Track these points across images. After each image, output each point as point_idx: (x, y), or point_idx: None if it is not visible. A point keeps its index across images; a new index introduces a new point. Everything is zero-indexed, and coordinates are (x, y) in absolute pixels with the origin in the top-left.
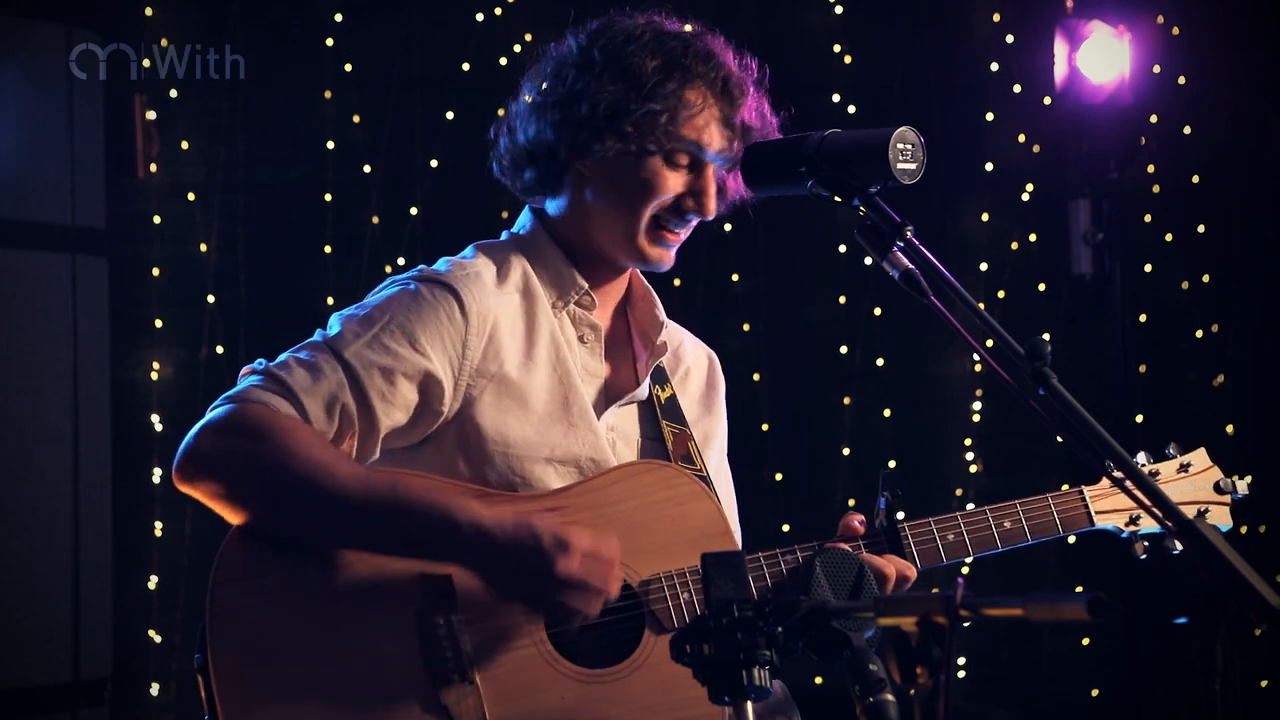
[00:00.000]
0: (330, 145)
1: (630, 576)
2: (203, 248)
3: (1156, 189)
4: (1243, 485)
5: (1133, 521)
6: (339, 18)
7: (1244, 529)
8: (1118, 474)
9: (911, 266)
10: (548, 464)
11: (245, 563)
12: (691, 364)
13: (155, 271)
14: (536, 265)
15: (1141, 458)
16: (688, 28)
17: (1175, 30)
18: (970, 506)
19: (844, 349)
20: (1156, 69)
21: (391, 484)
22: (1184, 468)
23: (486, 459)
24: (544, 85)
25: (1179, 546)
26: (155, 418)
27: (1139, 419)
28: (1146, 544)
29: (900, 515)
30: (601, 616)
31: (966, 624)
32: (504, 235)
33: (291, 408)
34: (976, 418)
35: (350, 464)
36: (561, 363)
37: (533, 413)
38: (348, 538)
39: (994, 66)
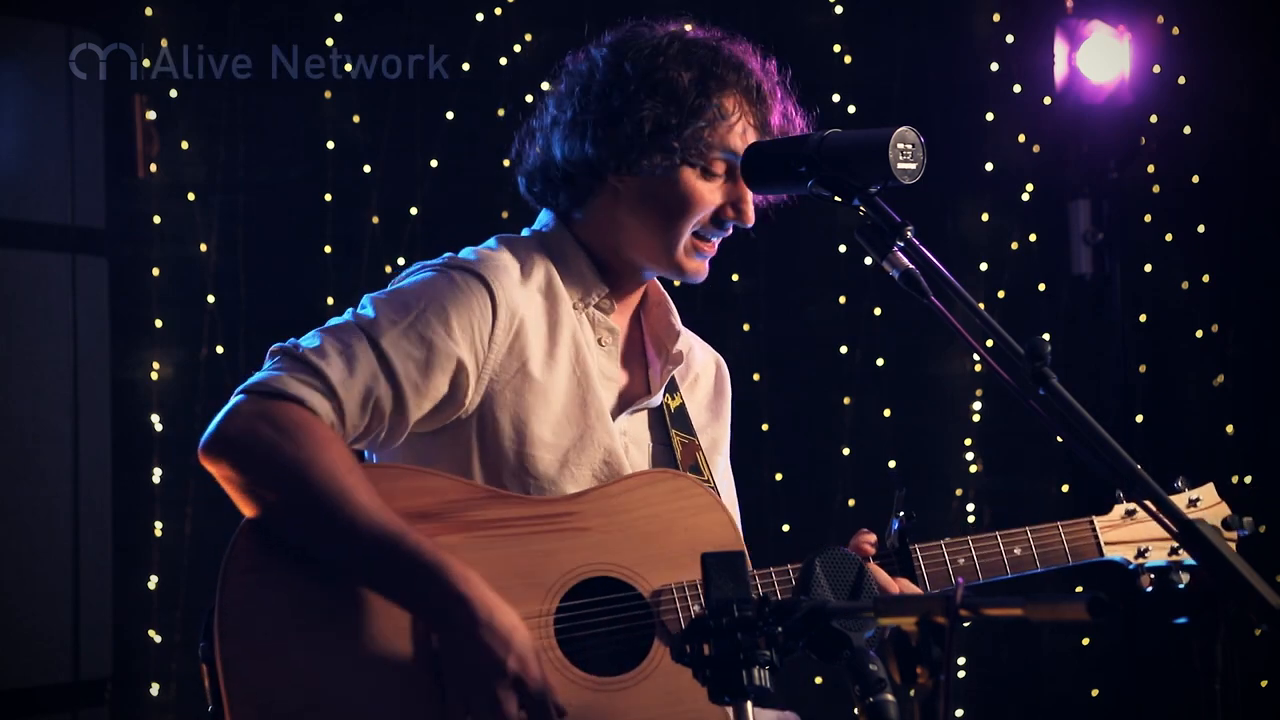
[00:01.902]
0: (330, 145)
1: (641, 586)
2: (203, 248)
3: (1156, 189)
4: (1249, 523)
5: (1141, 554)
6: (339, 18)
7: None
8: (1150, 504)
9: (911, 266)
10: (563, 464)
11: (257, 553)
12: (700, 370)
13: (155, 271)
14: (559, 265)
15: None
16: (711, 34)
17: (1175, 30)
18: (970, 507)
19: (844, 349)
20: (1156, 69)
21: (401, 533)
22: (1192, 503)
23: (502, 454)
24: (576, 103)
25: (1184, 579)
26: (155, 418)
27: (1139, 419)
28: (1153, 576)
29: (905, 518)
30: (612, 625)
31: (966, 624)
32: (525, 231)
33: (329, 405)
34: (976, 418)
35: (368, 496)
36: (581, 363)
37: (551, 411)
38: (342, 565)
39: (994, 66)
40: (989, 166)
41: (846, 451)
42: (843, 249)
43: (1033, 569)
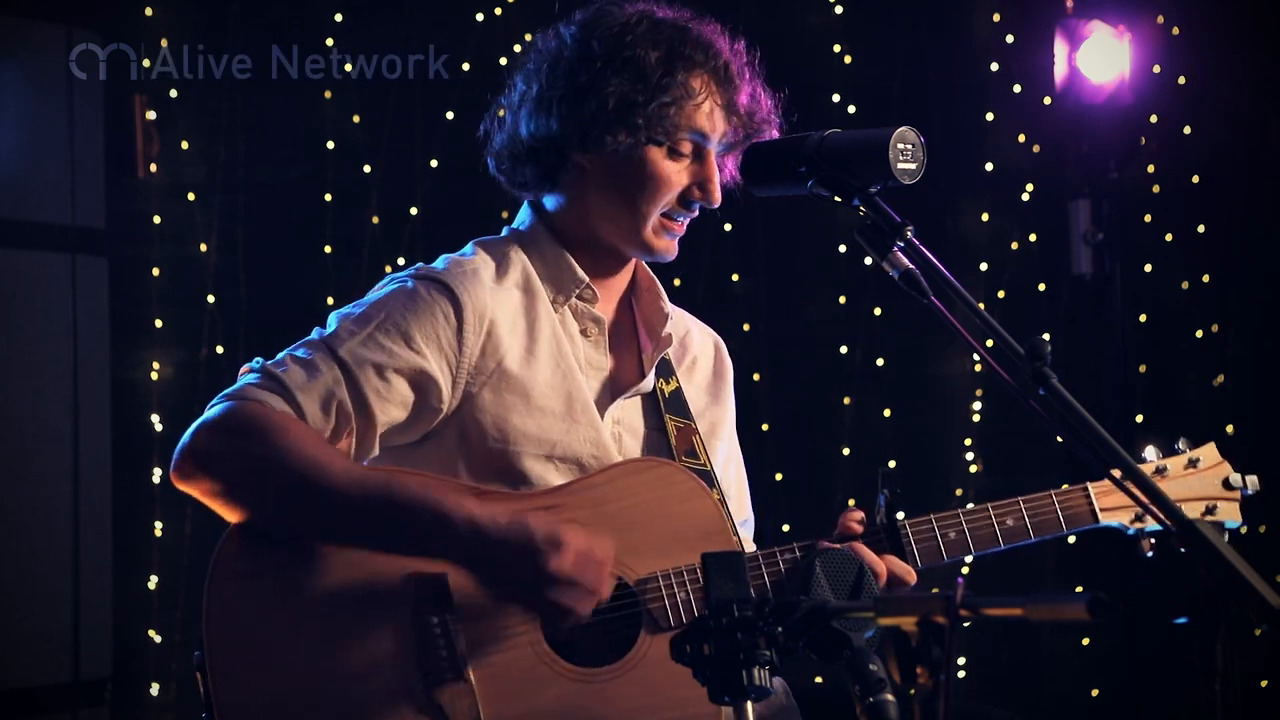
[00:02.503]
0: (330, 145)
1: (627, 575)
2: (203, 248)
3: (1156, 189)
4: (1253, 481)
5: (1139, 519)
6: (339, 18)
7: (1244, 529)
8: (1116, 473)
9: (911, 266)
10: (548, 461)
11: (242, 559)
12: (698, 352)
13: (155, 271)
14: (536, 261)
15: (1150, 452)
16: (680, 15)
17: (1175, 30)
18: (970, 507)
19: (844, 349)
20: (1156, 69)
21: (386, 481)
22: (1192, 463)
23: (487, 455)
24: (543, 80)
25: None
26: (155, 418)
27: (1139, 419)
28: (1153, 541)
29: (900, 516)
30: (597, 615)
31: (966, 624)
32: (505, 231)
33: (287, 405)
34: (976, 418)
35: (344, 460)
36: (563, 358)
37: (534, 409)
38: (342, 535)
39: (994, 66)
40: (989, 166)
41: (846, 451)
42: (843, 249)
43: (1026, 539)
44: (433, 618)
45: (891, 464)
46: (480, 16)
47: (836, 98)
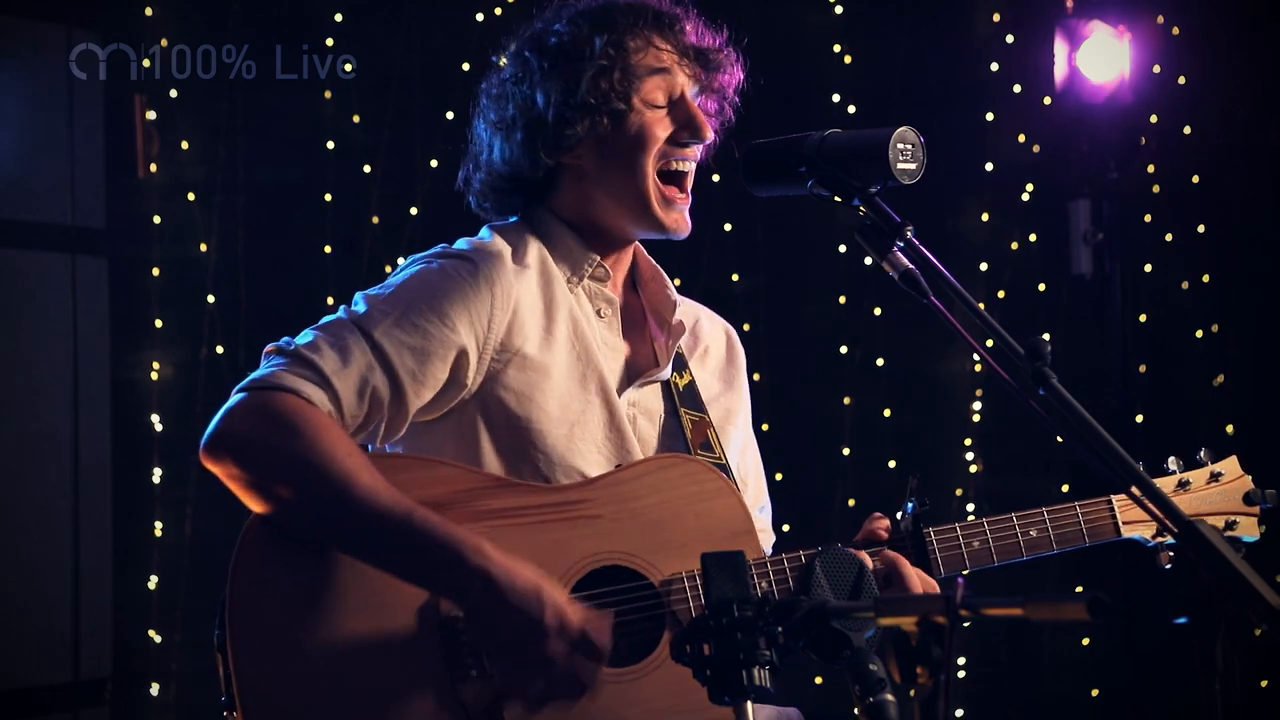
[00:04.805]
0: (330, 145)
1: (652, 575)
2: (203, 248)
3: (1156, 189)
4: (1273, 496)
5: (1160, 533)
6: (339, 18)
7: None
8: (1129, 488)
9: (911, 266)
10: (569, 440)
11: (268, 543)
12: (710, 341)
13: (155, 271)
14: (548, 243)
15: (1172, 463)
16: None
17: (1175, 30)
18: (970, 507)
19: (844, 349)
20: (1156, 69)
21: (408, 512)
22: (1215, 476)
23: (508, 435)
24: (495, 108)
25: None
26: (155, 418)
27: (1139, 419)
28: (1172, 554)
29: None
30: (623, 615)
31: (966, 624)
32: (512, 219)
33: (325, 394)
34: (976, 418)
35: (371, 478)
36: (581, 338)
37: (554, 389)
38: (355, 553)
39: (994, 66)
40: (989, 166)
41: (846, 451)
42: (843, 249)
43: (1049, 550)
44: (458, 612)
45: (891, 464)
46: (480, 16)
47: (836, 98)
